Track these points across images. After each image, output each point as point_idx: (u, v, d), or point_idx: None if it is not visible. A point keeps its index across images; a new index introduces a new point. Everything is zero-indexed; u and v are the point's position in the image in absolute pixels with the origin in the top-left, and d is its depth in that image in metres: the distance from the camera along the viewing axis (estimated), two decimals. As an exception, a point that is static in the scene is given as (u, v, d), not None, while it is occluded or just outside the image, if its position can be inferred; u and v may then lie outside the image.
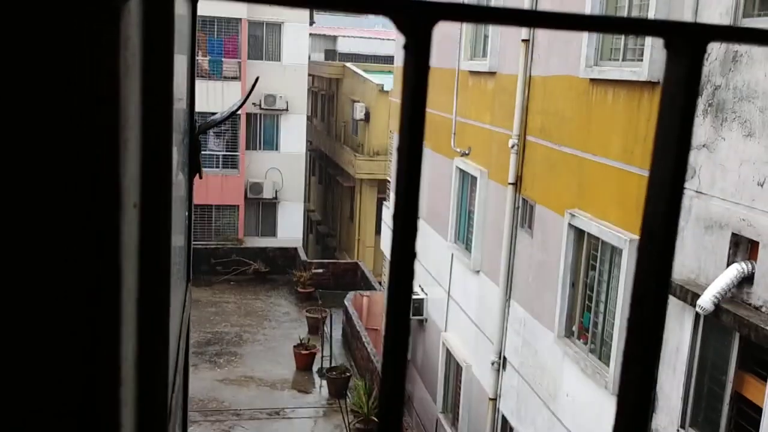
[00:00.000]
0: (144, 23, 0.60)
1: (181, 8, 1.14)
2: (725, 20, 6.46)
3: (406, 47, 0.44)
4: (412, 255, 0.47)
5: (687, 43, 0.48)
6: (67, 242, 0.44)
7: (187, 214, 1.51)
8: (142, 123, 0.62)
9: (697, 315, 6.61)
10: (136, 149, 0.60)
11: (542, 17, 0.48)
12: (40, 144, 0.44)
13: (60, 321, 0.47)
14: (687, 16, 6.89)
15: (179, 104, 1.31)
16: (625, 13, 8.25)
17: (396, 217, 0.45)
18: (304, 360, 17.95)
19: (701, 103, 6.79)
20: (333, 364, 17.43)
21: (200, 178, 1.58)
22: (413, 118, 0.45)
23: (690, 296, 6.60)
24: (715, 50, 6.56)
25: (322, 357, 17.77)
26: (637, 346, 0.48)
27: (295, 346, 18.16)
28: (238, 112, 25.51)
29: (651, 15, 7.45)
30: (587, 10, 8.69)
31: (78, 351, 0.48)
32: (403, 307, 0.46)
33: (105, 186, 0.44)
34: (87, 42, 0.42)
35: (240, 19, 25.68)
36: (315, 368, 17.98)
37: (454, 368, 13.27)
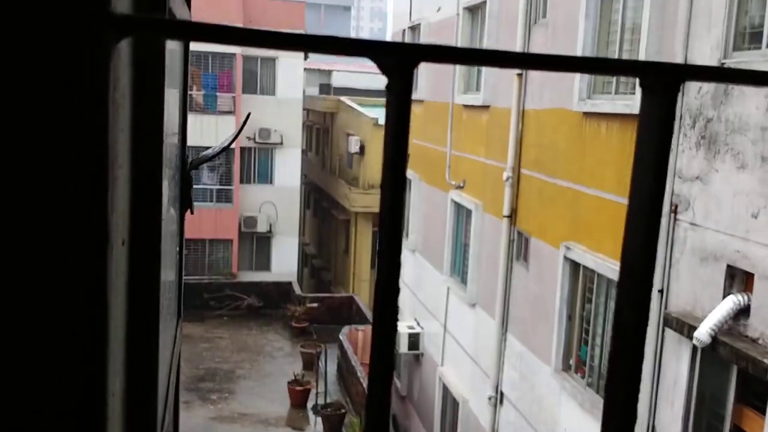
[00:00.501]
0: (134, 63, 0.59)
1: (172, 43, 1.15)
2: (716, 54, 6.54)
3: (388, 87, 0.45)
4: (396, 291, 0.46)
5: (661, 82, 0.49)
6: (53, 277, 0.44)
7: (178, 249, 1.49)
8: (132, 160, 0.62)
9: (694, 347, 6.58)
10: (125, 186, 0.59)
11: (520, 58, 0.49)
12: (28, 181, 0.43)
13: (45, 356, 0.46)
14: (678, 50, 6.98)
15: (171, 139, 1.30)
16: (616, 47, 8.35)
17: (380, 254, 0.45)
18: (299, 396, 17.74)
19: (694, 135, 6.84)
20: (328, 401, 17.23)
21: (191, 213, 1.57)
22: (395, 156, 0.45)
23: (686, 329, 6.57)
24: (706, 83, 6.63)
25: (317, 393, 17.57)
26: (619, 374, 0.48)
27: (289, 383, 17.96)
28: (232, 146, 25.61)
29: (642, 48, 7.54)
30: (579, 44, 8.80)
31: (62, 387, 0.47)
32: (389, 340, 0.45)
33: (93, 223, 0.44)
34: (77, 82, 0.42)
35: (235, 54, 25.92)
36: (310, 405, 17.76)
37: (450, 403, 13.13)
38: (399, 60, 0.44)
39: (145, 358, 0.74)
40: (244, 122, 3.14)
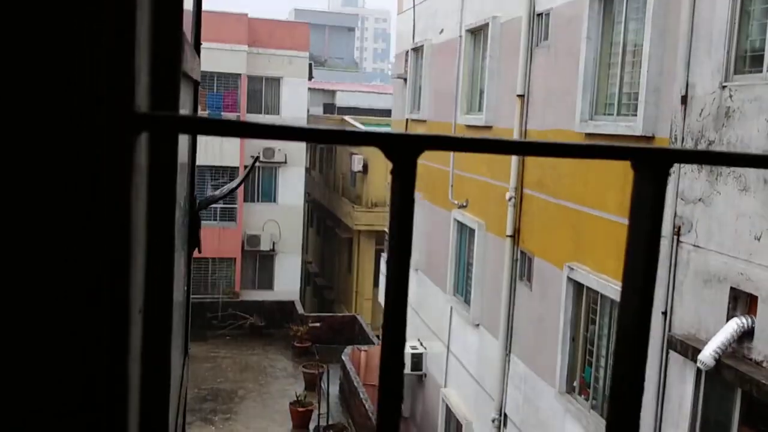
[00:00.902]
0: (151, 148, 0.62)
1: (186, 92, 1.18)
2: (717, 77, 6.58)
3: (392, 173, 0.48)
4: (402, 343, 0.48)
5: (651, 165, 0.52)
6: (76, 350, 0.47)
7: (185, 288, 1.51)
8: (147, 234, 0.64)
9: (699, 370, 6.56)
10: (141, 260, 0.61)
11: (519, 146, 0.51)
12: (58, 267, 0.47)
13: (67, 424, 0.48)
14: (679, 72, 7.02)
15: (182, 183, 1.32)
16: (618, 69, 8.40)
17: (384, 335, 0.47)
18: (301, 417, 17.66)
19: (696, 158, 6.86)
20: (330, 422, 17.14)
21: (199, 252, 1.60)
22: (401, 237, 0.47)
23: (691, 351, 6.56)
24: (708, 105, 6.66)
25: (319, 414, 17.48)
26: (621, 394, 0.50)
27: (291, 403, 17.88)
28: (236, 165, 25.72)
29: (644, 71, 7.59)
30: (581, 67, 8.85)
31: None
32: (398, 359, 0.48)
33: (116, 298, 0.47)
34: (102, 175, 0.45)
35: (240, 74, 26.09)
36: (312, 426, 17.66)
37: (454, 425, 13.06)
38: (404, 149, 0.47)
39: (156, 416, 0.76)
40: (252, 165, 3.18)
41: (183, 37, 0.78)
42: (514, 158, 10.63)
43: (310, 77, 28.50)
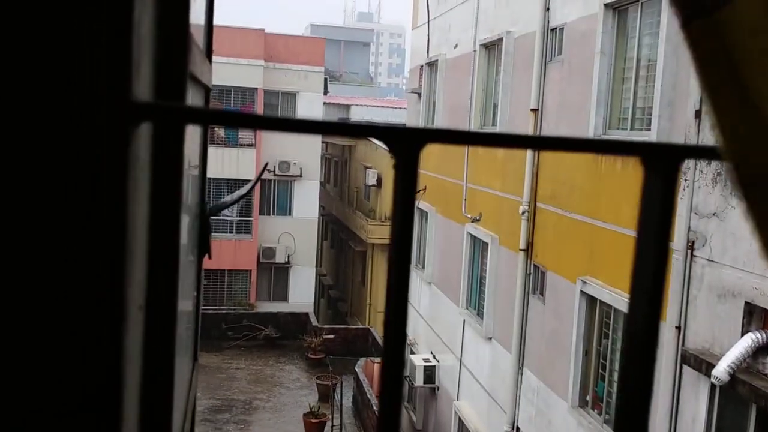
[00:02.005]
0: (155, 136, 0.64)
1: (193, 100, 1.21)
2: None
3: (395, 167, 0.48)
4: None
5: (661, 161, 0.50)
6: (70, 346, 0.47)
7: (195, 294, 1.54)
8: (150, 229, 0.66)
9: (713, 385, 6.50)
10: (142, 256, 0.63)
11: (521, 140, 0.52)
12: (52, 259, 0.47)
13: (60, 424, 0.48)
14: (693, 88, 7.01)
15: (191, 187, 1.36)
16: (632, 84, 8.40)
17: (386, 327, 0.48)
18: (314, 429, 17.63)
19: (710, 172, 6.84)
20: (343, 433, 17.09)
21: (209, 258, 1.63)
22: (402, 229, 0.48)
23: (705, 366, 6.50)
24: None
25: (332, 426, 17.45)
26: (629, 403, 0.50)
27: (304, 414, 17.87)
28: (252, 178, 25.82)
29: (658, 85, 7.58)
30: (594, 81, 8.85)
31: None
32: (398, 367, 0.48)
33: (110, 297, 0.48)
34: (98, 166, 0.46)
35: (256, 88, 26.28)
36: (325, 437, 17.63)
37: (466, 438, 12.99)
38: (406, 143, 0.48)
39: (158, 417, 0.78)
40: (262, 171, 3.22)
41: (191, 39, 0.80)
42: (527, 172, 10.62)
43: (326, 92, 28.65)
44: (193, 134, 1.25)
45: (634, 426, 0.51)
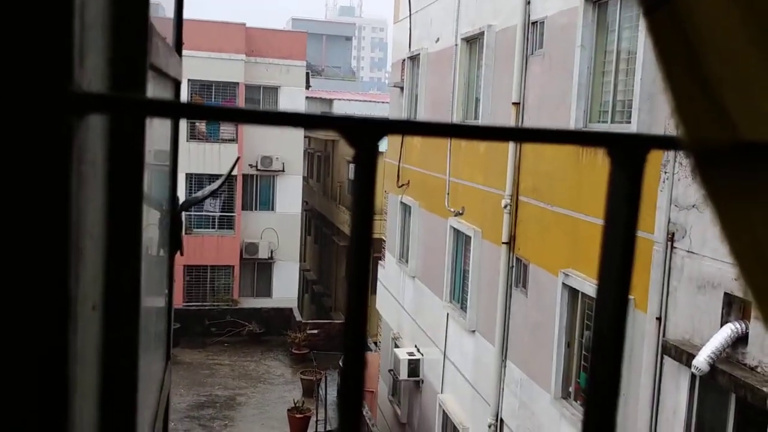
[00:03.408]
0: (111, 133, 0.62)
1: (161, 93, 1.18)
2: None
3: (354, 158, 0.48)
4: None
5: (627, 153, 0.50)
6: (13, 347, 0.45)
7: (167, 291, 1.52)
8: (107, 226, 0.64)
9: (693, 376, 6.56)
10: (97, 253, 0.61)
11: (483, 131, 0.51)
12: None
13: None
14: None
15: (161, 182, 1.33)
16: (612, 77, 8.43)
17: (346, 325, 0.47)
18: (299, 424, 17.62)
19: (690, 164, 6.88)
20: (328, 428, 17.11)
21: (181, 255, 1.60)
22: (361, 220, 0.47)
23: (685, 357, 6.56)
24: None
25: (317, 420, 17.46)
26: (598, 387, 0.49)
27: (289, 410, 17.86)
28: (235, 173, 25.71)
29: (638, 78, 7.61)
30: (575, 74, 8.88)
31: None
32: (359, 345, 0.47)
33: (54, 294, 0.46)
34: (37, 160, 0.44)
35: (237, 83, 26.13)
36: (310, 432, 17.63)
37: (451, 431, 13.03)
38: (364, 134, 0.47)
39: (122, 418, 0.76)
40: (233, 165, 3.19)
41: (152, 30, 0.77)
42: (509, 165, 10.65)
43: (308, 86, 28.55)
44: (162, 129, 1.23)
45: (604, 416, 0.51)
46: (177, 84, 1.40)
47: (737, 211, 0.45)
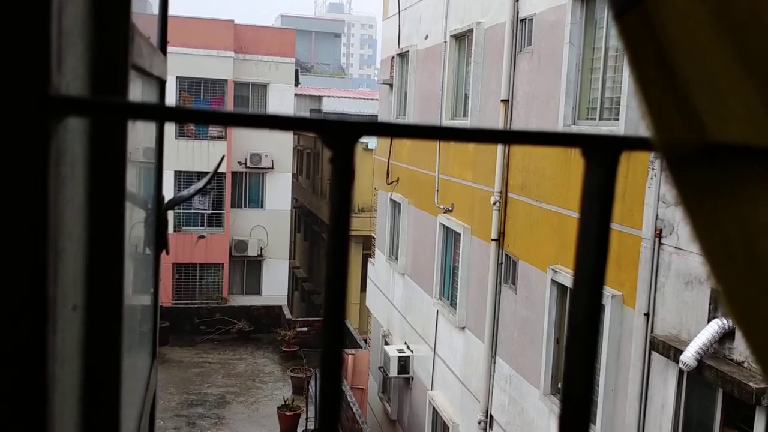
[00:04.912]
0: (91, 135, 0.62)
1: (147, 94, 1.18)
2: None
3: (331, 161, 0.49)
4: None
5: (601, 152, 0.51)
6: None
7: (153, 289, 1.51)
8: (88, 226, 0.64)
9: (681, 371, 6.60)
10: (77, 254, 0.61)
11: (461, 133, 0.51)
12: None
13: None
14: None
15: (147, 180, 1.33)
16: (600, 74, 8.46)
17: (325, 320, 0.48)
18: (289, 421, 17.62)
19: (662, 165, 6.92)
20: (318, 426, 17.10)
21: (167, 254, 1.60)
22: (338, 220, 0.48)
23: (673, 352, 6.61)
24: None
25: (307, 418, 17.46)
26: (573, 375, 0.50)
27: (279, 408, 17.84)
28: (224, 170, 25.65)
29: (626, 74, 7.65)
30: (563, 71, 8.91)
31: None
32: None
33: (31, 295, 0.46)
34: (13, 163, 0.44)
35: (226, 80, 26.05)
36: (300, 430, 17.62)
37: (441, 427, 13.07)
38: (340, 136, 0.48)
39: (106, 417, 0.76)
40: (218, 164, 3.19)
41: (134, 30, 0.77)
42: (498, 162, 10.68)
43: (297, 83, 28.50)
44: (147, 127, 1.22)
45: (577, 409, 0.51)
46: (162, 83, 1.40)
47: (708, 211, 0.46)
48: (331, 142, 0.48)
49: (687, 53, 0.42)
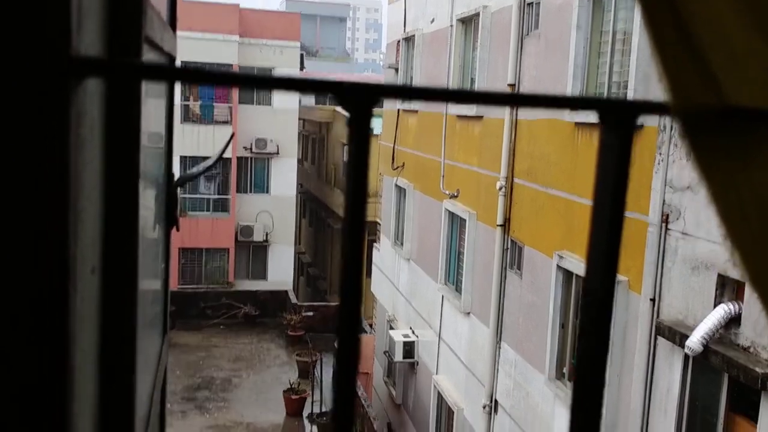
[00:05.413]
0: (107, 92, 0.62)
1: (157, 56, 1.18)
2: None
3: (349, 123, 0.48)
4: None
5: (618, 117, 0.51)
6: (9, 310, 0.46)
7: (164, 265, 1.52)
8: (103, 190, 0.65)
9: (686, 356, 6.61)
10: (95, 216, 0.62)
11: (475, 96, 0.51)
12: None
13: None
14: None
15: (155, 159, 1.33)
16: (608, 57, 8.41)
17: (342, 282, 0.48)
18: (295, 405, 17.73)
19: (684, 146, 6.89)
20: (324, 409, 17.22)
21: (177, 230, 1.61)
22: (356, 183, 0.48)
23: (679, 337, 6.61)
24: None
25: (313, 401, 17.56)
26: (587, 361, 0.50)
27: (285, 391, 17.95)
28: (229, 156, 25.65)
29: (633, 58, 7.60)
30: (571, 55, 8.86)
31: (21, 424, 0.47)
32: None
33: (53, 255, 0.46)
34: (36, 123, 0.45)
35: (231, 65, 25.99)
36: (305, 413, 17.73)
37: (445, 412, 13.13)
38: (359, 98, 0.48)
39: (121, 383, 0.77)
40: (228, 141, 3.19)
41: (146, 2, 0.78)
42: (504, 148, 10.64)
43: (302, 67, 28.43)
44: (157, 105, 1.22)
45: (591, 389, 0.51)
46: (171, 60, 1.40)
47: (723, 174, 0.46)
48: (349, 104, 0.47)
49: (706, 19, 0.42)
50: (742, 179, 0.46)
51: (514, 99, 0.53)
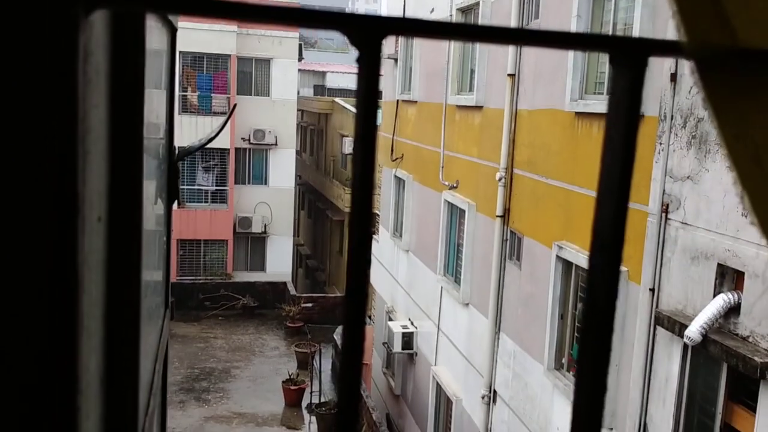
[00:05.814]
0: (112, 38, 0.61)
1: (157, 27, 1.16)
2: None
3: (358, 60, 0.46)
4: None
5: (630, 56, 0.50)
6: (17, 248, 0.45)
7: (165, 239, 1.51)
8: (109, 137, 0.63)
9: (685, 346, 6.62)
10: (101, 163, 0.60)
11: (484, 31, 0.50)
12: None
13: (8, 335, 0.46)
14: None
15: (157, 132, 1.32)
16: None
17: (351, 225, 0.46)
18: (293, 395, 17.76)
19: (685, 135, 6.88)
20: (323, 400, 17.25)
21: (179, 204, 1.60)
22: (365, 125, 0.46)
23: (678, 327, 6.61)
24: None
25: (312, 392, 17.59)
26: (589, 351, 0.49)
27: (284, 382, 17.98)
28: (227, 147, 25.60)
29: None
30: (570, 58, 8.82)
31: (30, 372, 0.46)
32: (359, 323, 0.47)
33: (62, 193, 0.45)
34: (43, 54, 0.44)
35: (229, 55, 25.92)
36: (304, 404, 17.77)
37: (444, 402, 13.15)
38: (368, 32, 0.46)
39: (126, 333, 0.76)
40: (231, 112, 3.17)
41: None
42: (504, 138, 10.62)
43: (300, 58, 28.34)
44: (158, 86, 1.21)
45: (595, 378, 0.50)
46: (173, 31, 1.38)
47: (735, 114, 0.46)
48: (358, 39, 0.46)
49: None
50: (754, 122, 0.46)
51: (526, 36, 0.51)
